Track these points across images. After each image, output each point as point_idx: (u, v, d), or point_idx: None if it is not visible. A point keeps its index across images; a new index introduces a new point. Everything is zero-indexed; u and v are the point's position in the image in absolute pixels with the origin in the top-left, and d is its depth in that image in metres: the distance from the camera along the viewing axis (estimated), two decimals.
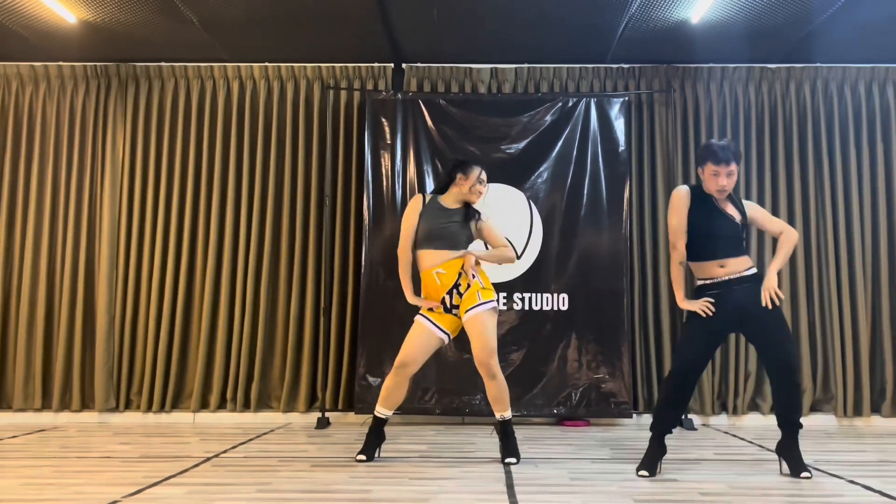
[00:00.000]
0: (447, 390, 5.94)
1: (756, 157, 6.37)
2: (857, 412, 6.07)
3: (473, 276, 4.22)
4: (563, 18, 5.68)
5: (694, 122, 6.43)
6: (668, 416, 3.90)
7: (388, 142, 6.23)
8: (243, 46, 6.23)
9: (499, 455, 4.30)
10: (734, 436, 5.43)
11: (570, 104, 6.26)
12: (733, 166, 3.81)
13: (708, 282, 3.87)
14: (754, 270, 3.87)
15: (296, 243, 6.32)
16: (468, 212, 4.41)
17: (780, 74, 6.47)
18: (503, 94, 6.47)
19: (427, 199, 4.43)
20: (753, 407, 6.17)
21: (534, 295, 6.06)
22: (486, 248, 4.68)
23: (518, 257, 6.08)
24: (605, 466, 4.14)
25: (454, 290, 4.24)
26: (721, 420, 6.09)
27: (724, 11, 5.51)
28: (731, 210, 3.89)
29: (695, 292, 3.95)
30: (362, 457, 4.24)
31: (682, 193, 3.91)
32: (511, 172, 6.19)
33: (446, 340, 4.30)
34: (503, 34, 5.99)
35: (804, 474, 3.73)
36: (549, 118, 6.25)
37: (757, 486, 3.61)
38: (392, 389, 4.24)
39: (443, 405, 5.93)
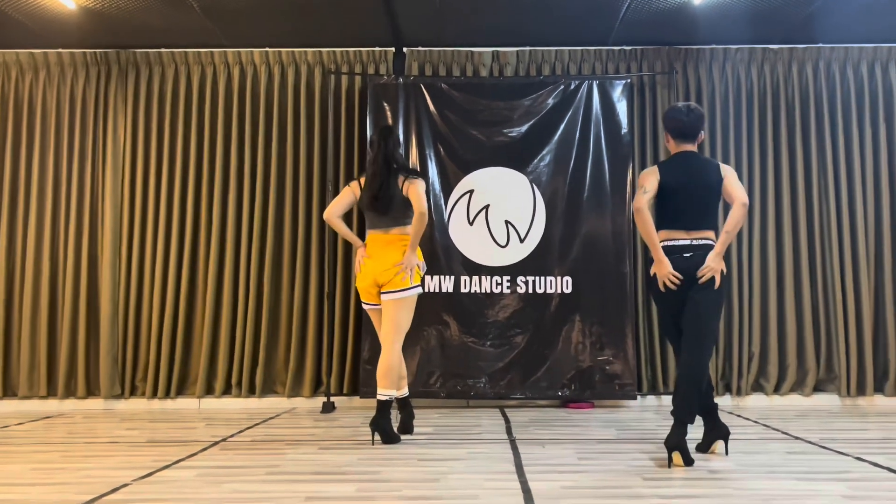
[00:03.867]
0: (452, 374, 5.95)
1: (759, 138, 6.37)
2: (861, 391, 6.09)
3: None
4: (565, 1, 5.66)
5: (696, 103, 6.39)
6: None
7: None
8: (243, 32, 6.20)
9: (505, 435, 4.33)
10: (738, 416, 5.45)
11: (573, 87, 6.24)
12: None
13: None
14: None
15: (299, 229, 6.32)
16: None
17: (781, 55, 6.45)
18: (505, 77, 6.45)
19: None
20: (757, 388, 6.19)
21: (537, 278, 6.06)
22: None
23: (521, 241, 6.10)
24: (611, 447, 4.16)
25: None
26: (725, 401, 6.10)
27: None
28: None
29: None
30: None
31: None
32: (514, 156, 6.18)
33: None
34: (504, 17, 5.96)
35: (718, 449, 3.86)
36: (551, 101, 6.24)
37: (764, 463, 3.62)
38: None
39: (447, 389, 5.95)
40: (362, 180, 4.54)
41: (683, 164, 3.88)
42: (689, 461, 3.49)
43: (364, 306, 4.60)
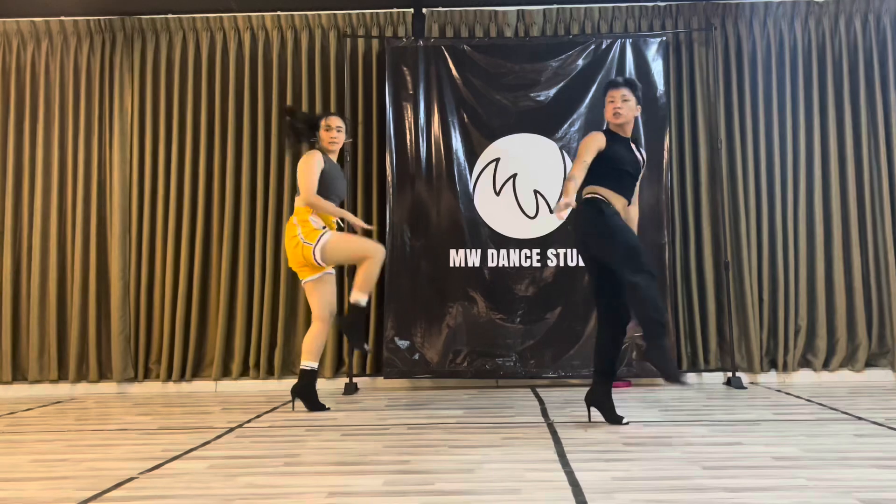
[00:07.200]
0: (479, 352, 5.64)
1: (804, 98, 5.96)
2: None
3: None
4: None
5: (736, 62, 6.01)
6: None
7: (411, 92, 5.86)
8: None
9: (541, 418, 4.03)
10: (787, 394, 5.10)
11: (604, 46, 5.86)
12: (626, 91, 4.00)
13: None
14: None
15: None
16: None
17: (827, 8, 6.03)
18: (531, 37, 6.07)
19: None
20: (804, 363, 5.83)
21: (569, 250, 5.72)
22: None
23: (551, 211, 5.75)
24: (658, 430, 3.82)
25: None
26: (770, 377, 5.76)
27: None
28: (637, 154, 4.12)
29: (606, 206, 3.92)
30: None
31: (599, 134, 4.00)
32: (542, 122, 5.82)
33: None
34: None
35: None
36: (581, 62, 5.86)
37: (832, 449, 3.27)
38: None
39: (475, 368, 5.64)
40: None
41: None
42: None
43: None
